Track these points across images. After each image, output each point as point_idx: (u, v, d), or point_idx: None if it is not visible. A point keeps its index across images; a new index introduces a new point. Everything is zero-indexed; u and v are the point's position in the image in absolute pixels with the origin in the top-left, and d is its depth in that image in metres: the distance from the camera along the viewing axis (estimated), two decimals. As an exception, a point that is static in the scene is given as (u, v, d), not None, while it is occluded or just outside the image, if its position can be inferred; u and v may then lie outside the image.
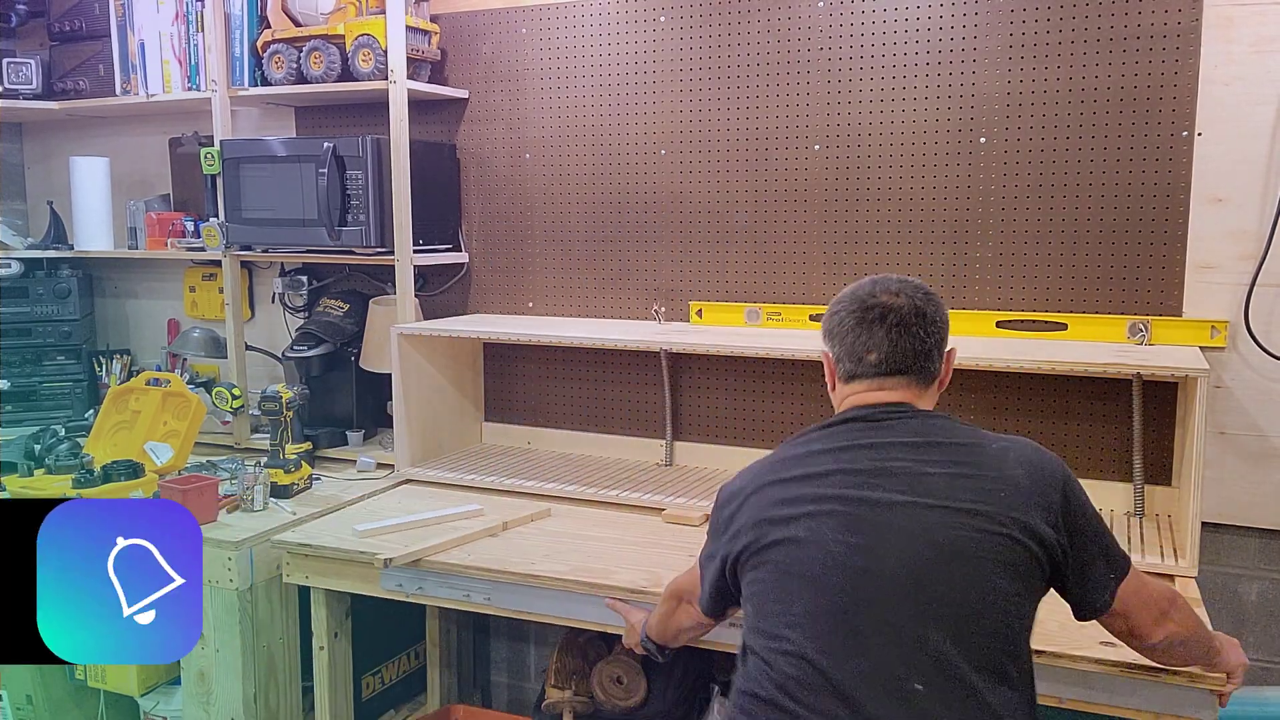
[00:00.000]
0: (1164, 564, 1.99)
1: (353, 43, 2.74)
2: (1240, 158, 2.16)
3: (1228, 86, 2.15)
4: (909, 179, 2.45)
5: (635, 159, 2.75)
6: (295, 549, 2.27)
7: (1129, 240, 2.26)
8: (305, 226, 2.78)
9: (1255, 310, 2.16)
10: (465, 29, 2.93)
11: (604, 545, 2.21)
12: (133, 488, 2.51)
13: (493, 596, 2.11)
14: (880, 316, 1.48)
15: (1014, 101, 2.33)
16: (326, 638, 2.33)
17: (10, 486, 2.54)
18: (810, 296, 2.58)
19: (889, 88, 2.44)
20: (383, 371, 2.82)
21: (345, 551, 2.19)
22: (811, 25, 2.51)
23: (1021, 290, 2.37)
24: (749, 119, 2.60)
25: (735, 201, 2.64)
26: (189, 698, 2.37)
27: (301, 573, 2.29)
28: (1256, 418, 2.19)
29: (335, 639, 2.35)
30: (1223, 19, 2.14)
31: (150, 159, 3.48)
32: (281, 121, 3.24)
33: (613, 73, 2.75)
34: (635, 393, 2.82)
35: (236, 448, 3.05)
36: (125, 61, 3.12)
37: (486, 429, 3.04)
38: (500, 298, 2.99)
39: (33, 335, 3.29)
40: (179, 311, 3.49)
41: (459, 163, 2.99)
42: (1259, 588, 2.24)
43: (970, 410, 2.44)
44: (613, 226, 2.80)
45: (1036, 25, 2.29)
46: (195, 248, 3.12)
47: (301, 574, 2.29)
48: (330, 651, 2.34)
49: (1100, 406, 2.32)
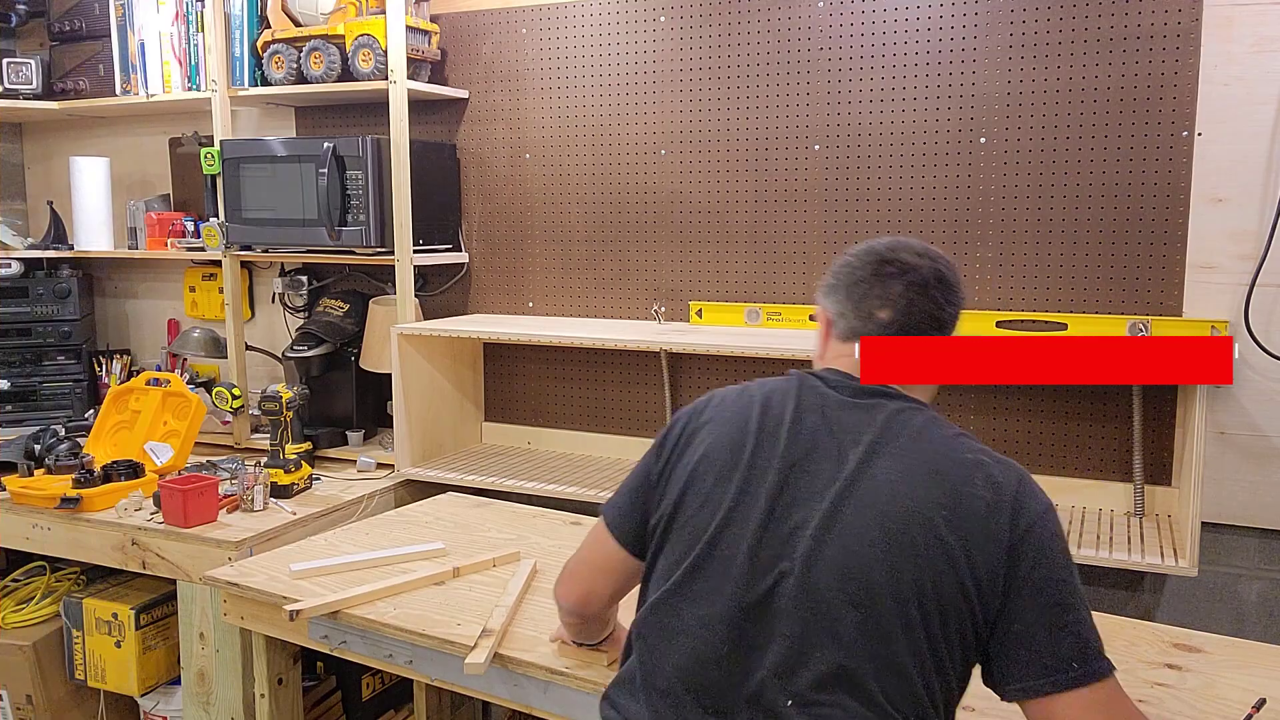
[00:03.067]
0: (1164, 564, 1.99)
1: (353, 43, 2.74)
2: (1240, 158, 2.16)
3: (1228, 86, 2.15)
4: (909, 179, 2.45)
5: (635, 159, 2.75)
6: (226, 588, 2.02)
7: (1129, 240, 2.26)
8: (305, 226, 2.78)
9: (1255, 310, 2.16)
10: (465, 29, 2.93)
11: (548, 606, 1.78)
12: (133, 488, 2.52)
13: (415, 660, 1.81)
14: (900, 272, 1.30)
15: (1014, 101, 2.33)
16: (269, 684, 2.09)
17: (10, 486, 2.54)
18: (810, 296, 2.58)
19: (889, 88, 2.44)
20: (383, 371, 2.82)
21: (269, 595, 1.95)
22: (811, 25, 2.51)
23: (1021, 290, 2.37)
24: (749, 119, 2.60)
25: (735, 201, 2.64)
26: (189, 698, 2.37)
27: (238, 613, 2.05)
28: (1256, 418, 2.19)
29: (280, 685, 2.11)
30: (1223, 19, 2.14)
31: (150, 159, 3.49)
32: (281, 121, 3.24)
33: (613, 73, 2.75)
34: (635, 393, 2.82)
35: (236, 448, 3.05)
36: (125, 61, 3.12)
37: (486, 429, 3.04)
38: (500, 298, 2.99)
39: (33, 335, 3.29)
40: (179, 311, 3.49)
41: (459, 163, 2.99)
42: (1259, 588, 2.24)
43: (970, 410, 2.44)
44: (613, 226, 2.80)
45: (1036, 25, 2.29)
46: (195, 248, 3.12)
47: (238, 615, 2.05)
48: (272, 700, 2.10)
49: (1100, 406, 2.32)
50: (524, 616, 1.84)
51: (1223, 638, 1.80)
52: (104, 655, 2.58)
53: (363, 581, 1.96)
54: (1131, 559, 2.02)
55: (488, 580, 2.03)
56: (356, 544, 2.22)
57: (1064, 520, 2.24)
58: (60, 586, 2.78)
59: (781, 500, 1.23)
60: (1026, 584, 1.14)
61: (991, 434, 2.42)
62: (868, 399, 1.29)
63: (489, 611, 1.84)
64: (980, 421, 2.43)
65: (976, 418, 2.44)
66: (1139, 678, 1.62)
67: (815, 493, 1.22)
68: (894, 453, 1.22)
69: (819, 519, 1.20)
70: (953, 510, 1.17)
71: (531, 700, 1.70)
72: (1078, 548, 2.07)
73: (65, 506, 2.44)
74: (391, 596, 1.90)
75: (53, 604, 2.73)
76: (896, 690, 1.15)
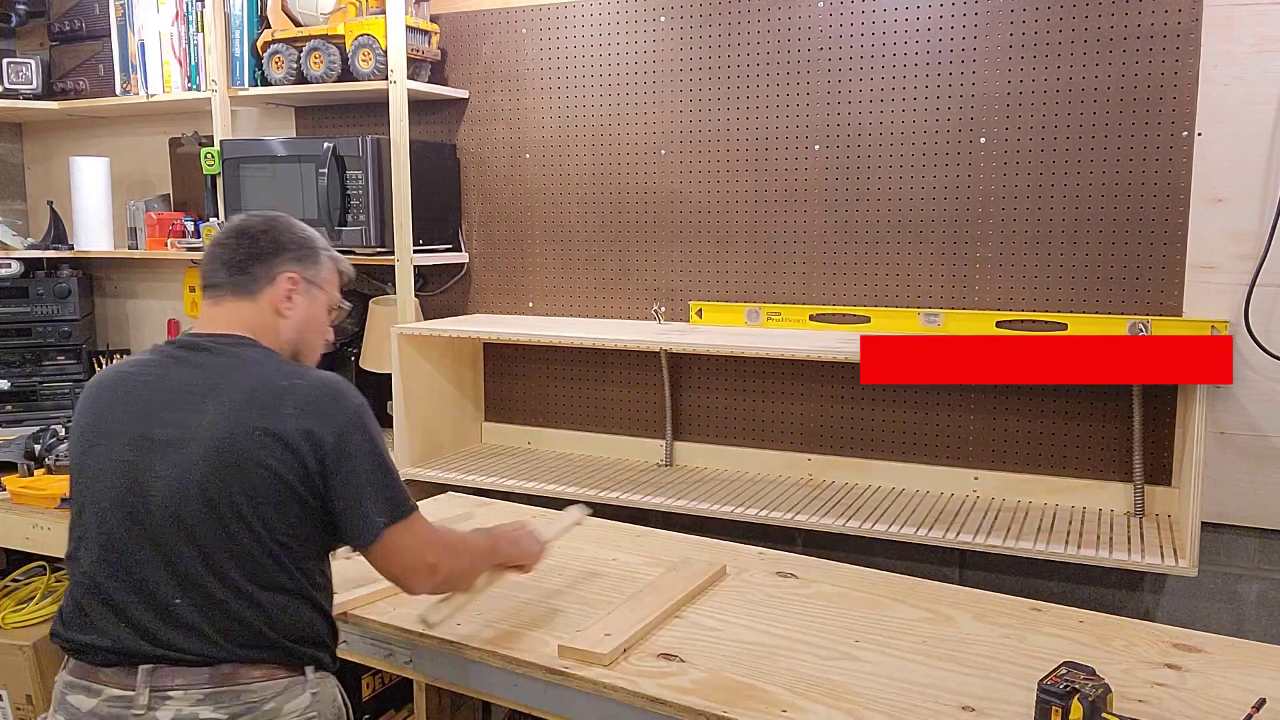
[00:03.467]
0: (1164, 564, 1.99)
1: (353, 43, 2.74)
2: (1240, 158, 2.16)
3: (1228, 86, 2.15)
4: (909, 179, 2.45)
5: (635, 159, 2.75)
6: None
7: (1129, 240, 2.26)
8: (305, 226, 2.78)
9: (1255, 310, 2.16)
10: (465, 29, 2.93)
11: (546, 600, 1.89)
12: (133, 488, 2.51)
13: (415, 660, 1.83)
14: (221, 234, 1.64)
15: (1014, 101, 2.33)
16: None
17: (10, 486, 2.54)
18: (810, 296, 2.58)
19: (889, 88, 2.44)
20: (383, 371, 2.82)
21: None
22: (811, 25, 2.51)
23: (1021, 290, 2.37)
24: (749, 119, 2.60)
25: (735, 201, 2.64)
26: (189, 698, 2.36)
27: None
28: (1256, 418, 2.19)
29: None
30: (1223, 19, 2.14)
31: (150, 159, 3.49)
32: (281, 121, 3.24)
33: (613, 73, 2.75)
34: (635, 393, 2.82)
35: (236, 448, 3.05)
36: (125, 61, 3.12)
37: (486, 429, 3.04)
38: (500, 298, 2.99)
39: (32, 335, 3.29)
40: (179, 311, 3.49)
41: (459, 163, 2.99)
42: (1259, 588, 2.24)
43: (969, 409, 2.44)
44: (613, 226, 2.80)
45: (1036, 25, 2.29)
46: (195, 248, 3.12)
47: None
48: None
49: (1100, 406, 2.32)
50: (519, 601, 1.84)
51: (1223, 638, 1.80)
52: (104, 655, 2.58)
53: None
54: (1131, 559, 2.02)
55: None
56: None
57: (1064, 520, 2.25)
58: (60, 586, 2.78)
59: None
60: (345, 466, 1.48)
61: (991, 434, 2.43)
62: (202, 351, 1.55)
63: (489, 609, 1.84)
64: (980, 421, 2.43)
65: (977, 417, 2.44)
66: (1139, 678, 1.61)
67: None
68: (224, 388, 1.49)
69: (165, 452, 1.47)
70: (273, 425, 1.45)
71: (531, 700, 1.70)
72: (1078, 548, 2.07)
73: (65, 506, 2.44)
74: (393, 596, 1.90)
75: (53, 604, 2.73)
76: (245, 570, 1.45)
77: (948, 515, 2.29)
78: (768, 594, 1.95)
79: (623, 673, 1.61)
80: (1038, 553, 2.08)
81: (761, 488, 2.52)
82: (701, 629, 1.78)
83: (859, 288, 2.53)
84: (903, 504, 2.38)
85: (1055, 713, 1.41)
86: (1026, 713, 1.47)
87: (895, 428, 2.52)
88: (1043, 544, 2.10)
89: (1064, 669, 1.48)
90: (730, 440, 2.71)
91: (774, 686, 1.56)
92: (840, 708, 1.49)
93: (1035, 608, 1.88)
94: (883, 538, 2.20)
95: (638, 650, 1.69)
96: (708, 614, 1.85)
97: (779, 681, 1.58)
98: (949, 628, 1.79)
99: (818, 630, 1.77)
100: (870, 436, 2.55)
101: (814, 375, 2.59)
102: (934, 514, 2.30)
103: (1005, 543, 2.11)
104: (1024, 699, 1.50)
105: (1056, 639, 1.74)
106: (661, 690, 1.55)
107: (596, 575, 2.05)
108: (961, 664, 1.64)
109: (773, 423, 2.65)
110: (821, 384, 2.59)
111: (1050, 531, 2.18)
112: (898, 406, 2.51)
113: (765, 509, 2.33)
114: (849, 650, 1.69)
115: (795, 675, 1.60)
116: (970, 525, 2.22)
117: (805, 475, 2.61)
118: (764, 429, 2.66)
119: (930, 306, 2.46)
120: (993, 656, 1.67)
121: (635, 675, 1.60)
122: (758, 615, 1.84)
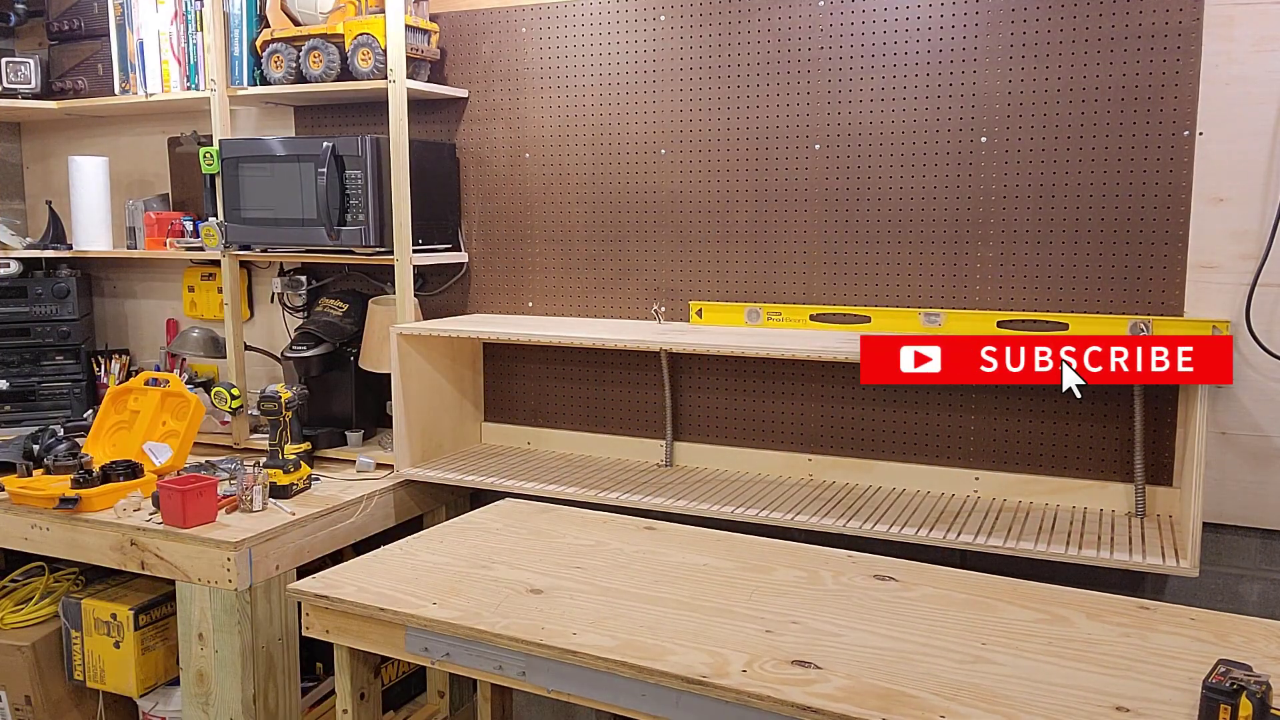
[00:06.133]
0: (1165, 564, 1.98)
1: (352, 42, 2.74)
2: (1241, 157, 2.15)
3: (1228, 86, 2.15)
4: (909, 179, 2.44)
5: (635, 159, 2.75)
6: (314, 600, 1.95)
7: (1130, 240, 2.26)
8: (304, 226, 2.78)
9: (1256, 310, 2.16)
10: (465, 28, 2.93)
11: (660, 608, 1.86)
12: (131, 488, 2.51)
13: (528, 671, 1.76)
14: None
15: (1014, 101, 2.33)
16: (351, 700, 2.01)
17: (9, 486, 2.54)
18: (810, 296, 2.58)
19: (889, 88, 2.44)
20: (382, 371, 2.81)
21: (365, 608, 1.89)
22: (811, 25, 2.51)
23: (1022, 290, 2.37)
24: (749, 119, 2.60)
25: (735, 201, 2.64)
26: (188, 698, 2.37)
27: (322, 626, 1.99)
28: (1258, 418, 2.19)
29: (362, 700, 2.03)
30: (1223, 18, 2.13)
31: (149, 158, 3.48)
32: (281, 121, 3.24)
33: (613, 73, 2.75)
34: (635, 393, 2.81)
35: (236, 448, 3.04)
36: (124, 61, 3.12)
37: (486, 429, 3.04)
38: (500, 298, 2.99)
39: (31, 335, 3.28)
40: (178, 311, 3.49)
41: (459, 162, 2.98)
42: (1260, 588, 2.23)
43: (969, 409, 2.43)
44: (612, 226, 2.80)
45: (1036, 25, 2.29)
46: (194, 247, 3.12)
47: (322, 628, 1.99)
48: (356, 715, 2.02)
49: (1101, 406, 2.32)
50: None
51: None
52: (103, 656, 2.57)
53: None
54: (1132, 560, 2.01)
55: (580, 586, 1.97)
56: (433, 550, 2.18)
57: (1065, 520, 2.25)
58: (59, 587, 2.78)
59: None
60: None
61: (991, 434, 2.42)
62: None
63: (592, 618, 1.81)
64: (980, 421, 2.43)
65: (977, 416, 2.43)
66: (1273, 673, 1.58)
67: None
68: None
69: None
70: None
71: (663, 711, 1.64)
72: (1079, 548, 2.07)
73: (64, 507, 2.43)
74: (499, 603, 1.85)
75: (51, 604, 2.73)
76: None
77: (948, 516, 2.29)
78: (875, 598, 1.91)
79: (762, 680, 1.56)
80: (1039, 553, 2.08)
81: (761, 488, 2.52)
82: (823, 635, 1.74)
83: (859, 287, 2.52)
84: (903, 504, 2.38)
85: (1224, 711, 1.37)
86: (1181, 712, 1.44)
87: (896, 428, 2.52)
88: (1044, 545, 2.09)
89: (1223, 667, 1.44)
90: (730, 440, 2.71)
91: (921, 692, 1.52)
92: (998, 711, 1.46)
93: (1143, 605, 1.87)
94: (883, 538, 2.19)
95: (764, 658, 1.64)
96: (823, 620, 1.81)
97: (923, 687, 1.54)
98: (1067, 628, 1.77)
99: (940, 634, 1.74)
100: (870, 437, 2.55)
101: (814, 375, 2.59)
102: (934, 514, 2.29)
103: (1006, 543, 2.11)
104: (1173, 698, 1.48)
105: (1177, 637, 1.73)
106: (810, 698, 1.50)
107: (687, 580, 2.01)
108: (1097, 664, 1.62)
109: (773, 423, 2.65)
110: (822, 384, 2.59)
111: (1051, 532, 2.17)
112: (898, 406, 2.51)
113: (765, 509, 2.33)
114: (979, 653, 1.66)
115: (937, 680, 1.56)
116: (971, 526, 2.21)
117: (805, 475, 2.61)
118: (764, 429, 2.66)
119: (931, 306, 2.45)
120: (1124, 656, 1.65)
121: (776, 683, 1.54)
122: (874, 620, 1.80)
